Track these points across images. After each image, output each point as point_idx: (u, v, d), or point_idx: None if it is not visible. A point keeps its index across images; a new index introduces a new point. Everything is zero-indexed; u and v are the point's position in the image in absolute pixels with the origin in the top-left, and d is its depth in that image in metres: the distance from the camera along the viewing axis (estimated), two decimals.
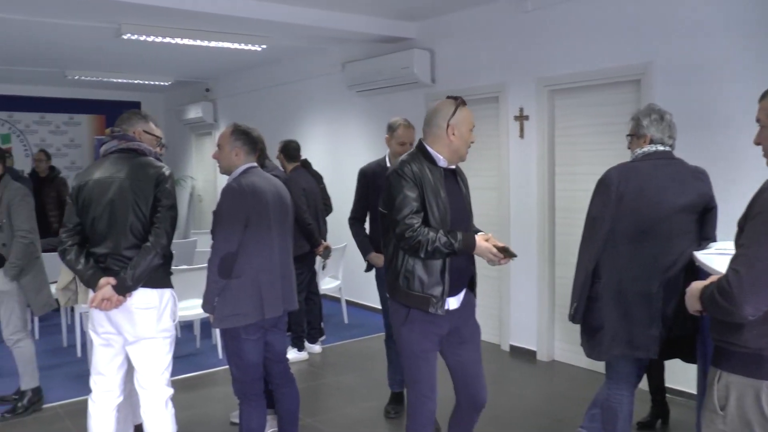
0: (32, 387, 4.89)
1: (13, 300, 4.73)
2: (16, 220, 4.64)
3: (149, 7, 5.78)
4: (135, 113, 3.65)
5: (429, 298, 2.97)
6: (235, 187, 3.47)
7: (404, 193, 2.95)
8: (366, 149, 7.93)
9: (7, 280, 4.65)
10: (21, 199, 4.69)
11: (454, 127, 3.05)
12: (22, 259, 4.65)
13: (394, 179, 3.00)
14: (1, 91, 11.93)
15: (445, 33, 6.75)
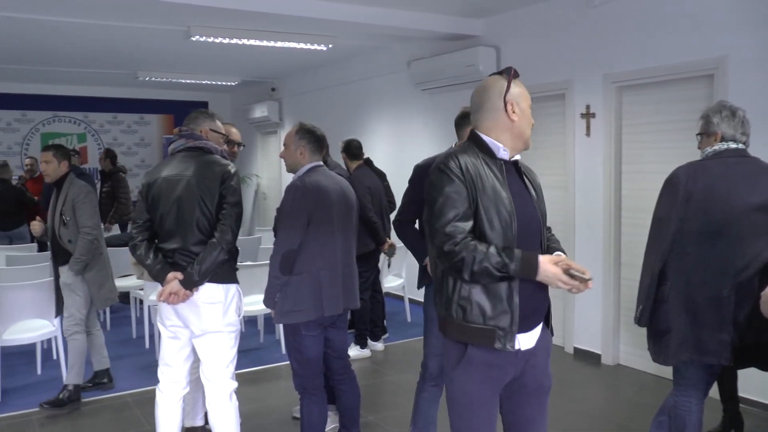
0: (75, 383, 4.98)
1: (76, 293, 4.90)
2: (81, 217, 4.81)
3: (217, 9, 5.91)
4: (202, 112, 3.72)
5: (494, 330, 2.27)
6: (299, 185, 3.51)
7: (447, 193, 2.27)
8: (430, 147, 7.91)
9: (72, 274, 4.83)
10: (85, 196, 4.87)
11: (514, 104, 2.41)
12: (86, 255, 4.83)
13: (436, 176, 2.33)
14: (77, 92, 12.41)
15: (511, 29, 6.67)
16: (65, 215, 4.83)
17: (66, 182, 4.94)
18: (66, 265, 4.88)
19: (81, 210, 4.83)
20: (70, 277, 4.85)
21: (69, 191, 4.87)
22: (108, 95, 12.70)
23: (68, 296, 4.92)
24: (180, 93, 13.12)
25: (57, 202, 4.90)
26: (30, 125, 12.44)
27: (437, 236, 2.26)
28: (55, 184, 5.00)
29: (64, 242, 4.85)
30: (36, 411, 4.90)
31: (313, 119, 4.42)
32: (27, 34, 7.72)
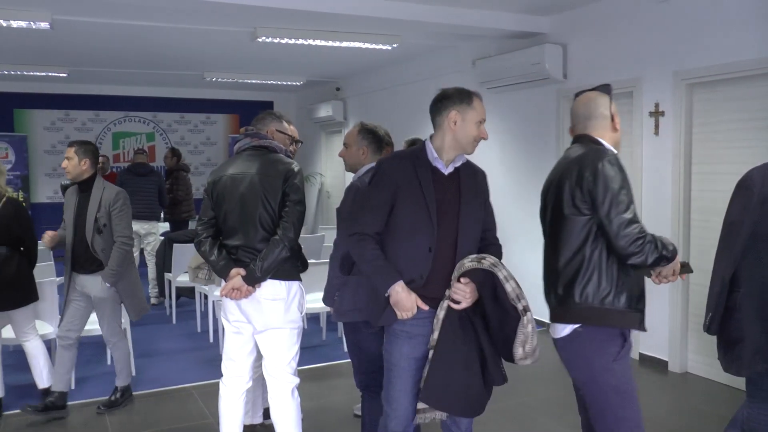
0: (126, 384, 4.96)
1: (111, 303, 4.70)
2: (118, 226, 4.55)
3: (283, 10, 5.97)
4: (269, 113, 3.77)
5: (639, 314, 2.69)
6: (358, 185, 3.51)
7: (626, 186, 2.62)
8: (495, 145, 7.85)
9: (106, 286, 4.57)
10: (123, 203, 4.60)
11: (616, 115, 2.97)
12: (122, 266, 4.57)
13: (613, 170, 2.61)
14: (146, 93, 12.78)
15: (578, 26, 6.55)
16: (100, 221, 4.52)
17: (96, 185, 4.60)
18: (92, 275, 4.59)
19: (119, 218, 4.57)
20: (104, 290, 4.60)
21: (103, 196, 4.56)
22: (176, 96, 13.04)
23: (103, 309, 4.70)
24: (245, 93, 13.35)
25: (88, 206, 4.54)
26: (102, 125, 12.86)
27: (628, 225, 2.56)
28: (79, 185, 4.64)
29: (97, 251, 4.52)
30: (105, 399, 5.02)
31: (377, 119, 4.42)
32: (100, 38, 7.99)
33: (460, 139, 2.87)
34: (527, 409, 4.84)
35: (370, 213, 2.85)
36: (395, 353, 2.86)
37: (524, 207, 7.42)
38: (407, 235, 2.80)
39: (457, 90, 2.90)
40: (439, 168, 2.88)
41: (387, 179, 2.84)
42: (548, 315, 2.92)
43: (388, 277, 2.76)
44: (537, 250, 7.42)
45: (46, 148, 12.46)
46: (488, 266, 2.73)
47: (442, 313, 2.76)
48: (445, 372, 2.73)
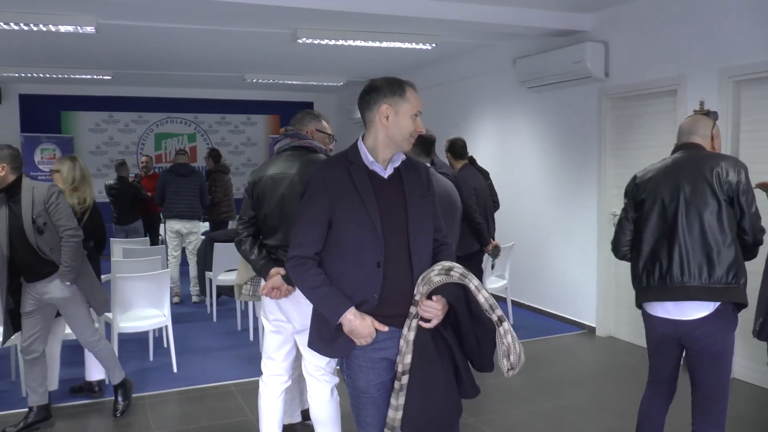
0: (121, 379, 4.79)
1: (79, 304, 4.48)
2: (60, 219, 4.25)
3: (323, 11, 6.00)
4: (308, 113, 3.78)
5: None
6: None
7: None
8: (537, 144, 7.78)
9: (67, 285, 4.34)
10: (57, 196, 4.28)
11: (716, 139, 3.36)
12: (77, 260, 4.32)
13: (748, 176, 3.13)
14: (187, 94, 12.96)
15: (620, 23, 6.44)
16: (39, 221, 4.20)
17: (24, 187, 4.24)
18: (48, 279, 4.32)
19: (59, 212, 4.26)
20: (65, 290, 4.35)
21: (35, 195, 4.22)
22: (216, 97, 13.19)
23: (71, 311, 4.47)
24: (286, 94, 13.44)
25: (21, 211, 4.20)
26: (145, 126, 13.08)
27: (759, 220, 3.10)
28: (5, 192, 4.23)
29: (46, 252, 4.24)
30: (148, 394, 5.16)
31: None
32: (143, 41, 8.13)
33: (394, 136, 2.53)
34: (563, 411, 4.78)
35: (306, 232, 2.54)
36: (361, 381, 2.58)
37: (564, 208, 7.34)
38: (351, 251, 2.49)
39: (386, 80, 2.55)
40: (377, 172, 2.55)
41: (320, 191, 2.52)
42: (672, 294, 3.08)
43: (337, 306, 2.47)
44: (576, 251, 7.39)
45: (91, 149, 12.71)
46: (458, 278, 2.44)
47: (412, 335, 2.46)
48: (423, 397, 2.47)
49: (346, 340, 2.53)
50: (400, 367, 2.49)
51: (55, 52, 8.87)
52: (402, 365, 2.48)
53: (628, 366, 5.79)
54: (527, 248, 7.79)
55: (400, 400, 2.49)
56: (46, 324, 4.49)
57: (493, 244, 5.85)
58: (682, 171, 3.13)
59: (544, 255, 7.66)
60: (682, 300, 3.02)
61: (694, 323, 3.03)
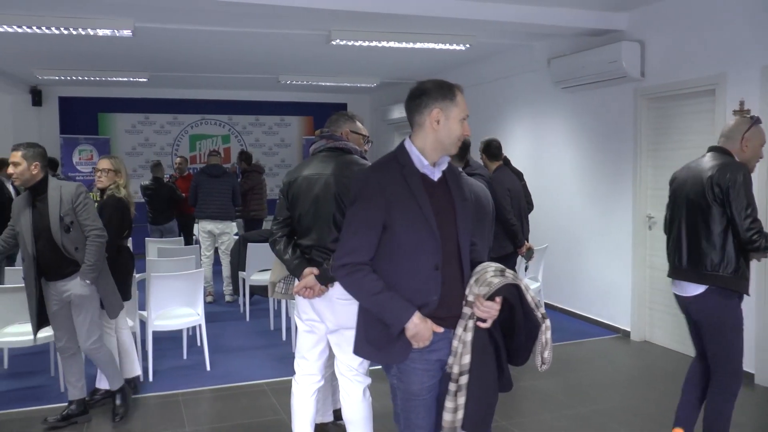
0: (120, 385, 4.72)
1: (92, 304, 4.44)
2: (87, 219, 4.30)
3: (358, 13, 6.01)
4: (342, 114, 3.79)
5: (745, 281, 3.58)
6: None
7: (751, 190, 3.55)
8: (571, 145, 7.70)
9: (87, 284, 4.34)
10: (85, 196, 4.33)
11: (745, 142, 3.68)
12: (100, 260, 4.36)
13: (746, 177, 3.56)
14: (222, 96, 13.10)
15: (657, 22, 6.34)
16: (67, 219, 4.24)
17: (51, 186, 4.29)
18: (70, 278, 4.34)
19: (86, 212, 4.31)
20: (84, 288, 4.35)
21: (63, 194, 4.26)
22: (251, 98, 13.30)
23: (83, 310, 4.41)
24: (319, 95, 13.50)
25: (48, 209, 4.23)
26: (180, 127, 13.24)
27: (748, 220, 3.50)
28: (31, 191, 4.31)
29: (70, 251, 4.27)
30: (181, 392, 5.21)
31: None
32: (179, 44, 8.24)
33: (444, 140, 2.54)
34: (597, 416, 4.72)
35: (360, 237, 2.50)
36: (414, 384, 2.58)
37: (598, 210, 7.25)
38: (409, 255, 2.48)
39: (436, 84, 2.57)
40: (428, 175, 2.57)
41: (375, 195, 2.48)
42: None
43: (402, 310, 2.45)
44: (610, 254, 7.30)
45: (127, 150, 12.91)
46: (513, 279, 2.51)
47: (469, 335, 2.49)
48: (481, 395, 2.51)
49: (404, 345, 2.51)
50: (457, 368, 2.50)
51: (93, 56, 9.03)
52: (459, 366, 2.50)
53: (664, 371, 5.70)
54: (561, 250, 7.72)
55: (459, 401, 2.50)
56: (71, 322, 4.49)
57: (527, 245, 5.79)
58: (693, 173, 3.71)
59: (578, 257, 7.58)
60: (680, 280, 3.73)
61: (689, 299, 3.69)
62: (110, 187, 4.90)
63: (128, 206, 4.95)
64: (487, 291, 2.47)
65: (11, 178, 4.30)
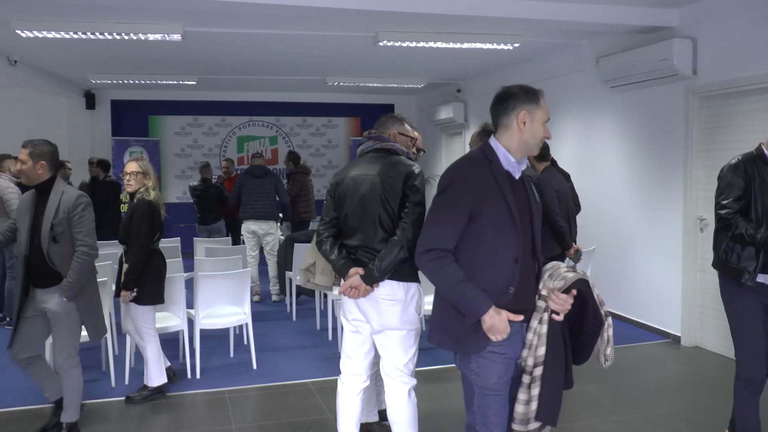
0: (73, 421, 4.28)
1: (68, 321, 4.11)
2: (79, 233, 4.01)
3: (405, 14, 6.00)
4: (391, 116, 3.82)
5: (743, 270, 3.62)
6: None
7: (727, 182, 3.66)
8: (620, 145, 7.56)
9: (64, 301, 4.04)
10: (84, 208, 4.06)
11: None
12: (83, 277, 4.05)
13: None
14: (269, 98, 13.24)
15: (710, 18, 6.18)
16: (57, 228, 3.96)
17: (54, 190, 4.06)
18: (49, 290, 4.05)
19: (80, 224, 4.01)
20: (60, 305, 4.04)
21: (62, 201, 4.01)
22: (298, 100, 13.41)
23: (59, 326, 4.10)
24: (367, 96, 13.54)
25: (44, 212, 4.00)
26: (228, 129, 13.42)
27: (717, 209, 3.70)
28: (36, 189, 4.11)
29: (54, 262, 3.97)
30: (228, 389, 5.28)
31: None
32: (227, 47, 8.37)
33: (528, 140, 2.69)
34: (646, 423, 4.62)
35: (448, 225, 2.63)
36: (493, 378, 2.66)
37: (648, 212, 7.10)
38: (490, 246, 2.61)
39: (522, 88, 2.73)
40: (511, 172, 2.71)
41: (470, 186, 2.62)
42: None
43: (479, 301, 2.57)
44: (660, 257, 7.15)
45: (176, 151, 13.14)
46: (583, 275, 2.65)
47: (544, 328, 2.62)
48: (554, 386, 2.64)
49: (482, 336, 2.60)
50: (531, 360, 2.63)
51: (144, 60, 9.22)
52: (534, 358, 2.63)
53: (715, 378, 5.55)
54: (609, 253, 7.58)
55: (533, 392, 2.62)
56: (37, 333, 4.20)
57: (575, 247, 5.64)
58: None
59: (627, 260, 7.44)
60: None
61: None
62: (140, 191, 4.88)
63: (158, 209, 4.93)
64: (563, 284, 2.60)
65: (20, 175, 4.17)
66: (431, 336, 2.82)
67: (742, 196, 3.64)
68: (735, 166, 3.69)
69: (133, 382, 5.37)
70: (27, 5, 6.21)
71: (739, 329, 3.72)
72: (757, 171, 3.64)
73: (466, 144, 11.02)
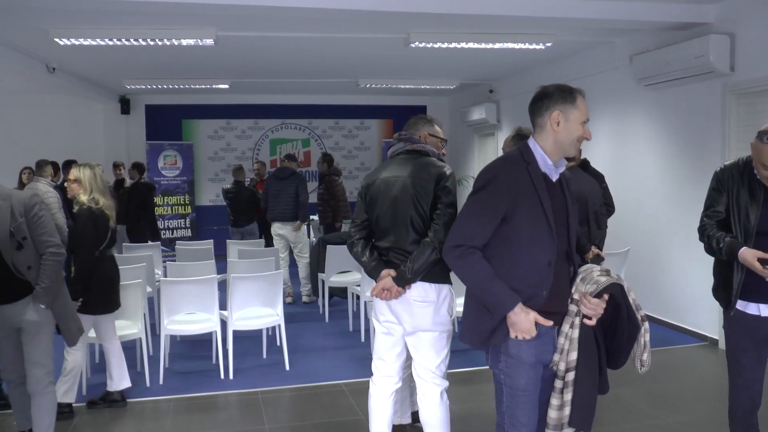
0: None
1: (45, 332, 3.77)
2: (42, 234, 3.66)
3: (436, 15, 5.98)
4: (421, 118, 3.81)
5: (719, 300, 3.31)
6: None
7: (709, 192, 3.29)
8: (655, 144, 7.45)
9: (42, 308, 3.69)
10: (40, 207, 3.70)
11: None
12: (57, 280, 3.74)
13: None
14: (302, 101, 13.30)
15: (749, 13, 6.04)
16: (17, 234, 3.57)
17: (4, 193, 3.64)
18: (21, 302, 3.67)
19: (40, 225, 3.66)
20: (38, 313, 3.69)
21: (14, 204, 3.60)
22: (330, 102, 13.45)
23: (37, 338, 3.74)
24: (399, 98, 13.53)
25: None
26: (261, 132, 13.51)
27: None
28: None
29: (23, 270, 3.61)
30: (261, 390, 5.31)
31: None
32: (259, 51, 8.44)
33: (563, 141, 2.64)
34: (682, 427, 4.54)
35: (480, 223, 2.62)
36: (522, 379, 2.64)
37: (684, 212, 6.97)
38: (526, 248, 2.59)
39: (558, 87, 2.67)
40: (548, 175, 2.67)
41: (505, 187, 2.60)
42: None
43: (507, 297, 2.56)
44: (696, 258, 7.02)
45: (209, 155, 13.27)
46: (618, 279, 2.60)
47: (576, 332, 2.58)
48: (586, 391, 2.60)
49: (502, 333, 2.61)
50: (563, 365, 2.59)
51: (177, 65, 9.34)
52: (566, 363, 2.59)
53: None
54: (644, 254, 7.47)
55: (566, 397, 2.59)
56: (17, 350, 3.81)
57: (594, 252, 5.09)
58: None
59: (663, 262, 7.32)
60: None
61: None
62: (83, 199, 4.63)
63: (102, 216, 4.66)
64: (595, 289, 2.56)
65: None
66: (462, 335, 2.82)
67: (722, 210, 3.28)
68: (717, 174, 3.36)
69: (167, 381, 5.45)
70: (64, 14, 6.34)
71: (729, 363, 3.42)
72: (742, 181, 3.23)
73: (499, 145, 10.96)
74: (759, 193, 3.15)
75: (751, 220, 3.13)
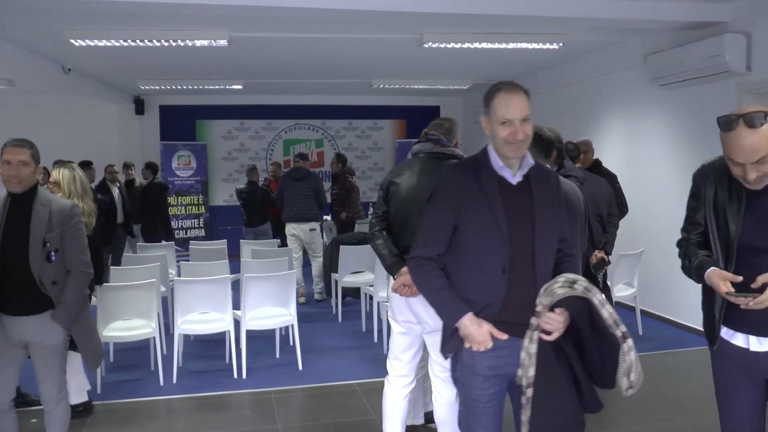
0: None
1: (61, 352, 3.47)
2: (74, 250, 3.39)
3: (449, 15, 5.98)
4: (455, 123, 3.80)
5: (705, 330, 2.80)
6: None
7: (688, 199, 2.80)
8: (669, 145, 7.40)
9: (58, 329, 3.39)
10: (78, 220, 3.44)
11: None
12: (81, 300, 3.47)
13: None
14: (315, 101, 13.32)
15: (767, 11, 5.99)
16: (51, 245, 3.29)
17: (39, 198, 3.35)
18: (35, 317, 3.33)
19: (76, 238, 3.40)
20: (55, 335, 3.40)
21: (53, 212, 3.33)
22: (343, 103, 13.46)
23: (52, 358, 3.42)
24: (412, 98, 13.52)
25: (30, 226, 3.28)
26: (274, 133, 13.55)
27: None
28: (13, 196, 3.33)
29: (47, 284, 3.30)
30: (274, 390, 5.31)
31: (543, 120, 4.26)
32: (273, 52, 8.47)
33: (494, 143, 2.55)
34: (695, 430, 4.51)
35: (429, 233, 2.60)
36: (475, 390, 2.56)
37: None
38: (476, 255, 2.50)
39: (489, 89, 2.56)
40: (506, 177, 2.54)
41: (446, 195, 2.55)
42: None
43: (455, 310, 2.50)
44: None
45: (222, 155, 13.32)
46: (582, 292, 2.39)
47: (534, 347, 2.43)
48: (548, 411, 2.43)
49: (456, 342, 2.57)
50: (524, 380, 2.46)
51: (191, 66, 9.38)
52: (526, 378, 2.45)
53: None
54: (658, 255, 7.41)
55: (529, 414, 2.46)
56: (14, 370, 3.42)
57: (598, 256, 4.80)
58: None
59: (676, 263, 7.20)
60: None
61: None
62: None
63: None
64: (550, 301, 2.41)
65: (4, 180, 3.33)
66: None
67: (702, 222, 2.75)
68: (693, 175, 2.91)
69: (180, 381, 5.48)
70: (79, 15, 6.38)
71: (718, 400, 2.77)
72: (720, 184, 2.69)
73: None
74: (739, 198, 2.57)
75: (731, 232, 2.53)
